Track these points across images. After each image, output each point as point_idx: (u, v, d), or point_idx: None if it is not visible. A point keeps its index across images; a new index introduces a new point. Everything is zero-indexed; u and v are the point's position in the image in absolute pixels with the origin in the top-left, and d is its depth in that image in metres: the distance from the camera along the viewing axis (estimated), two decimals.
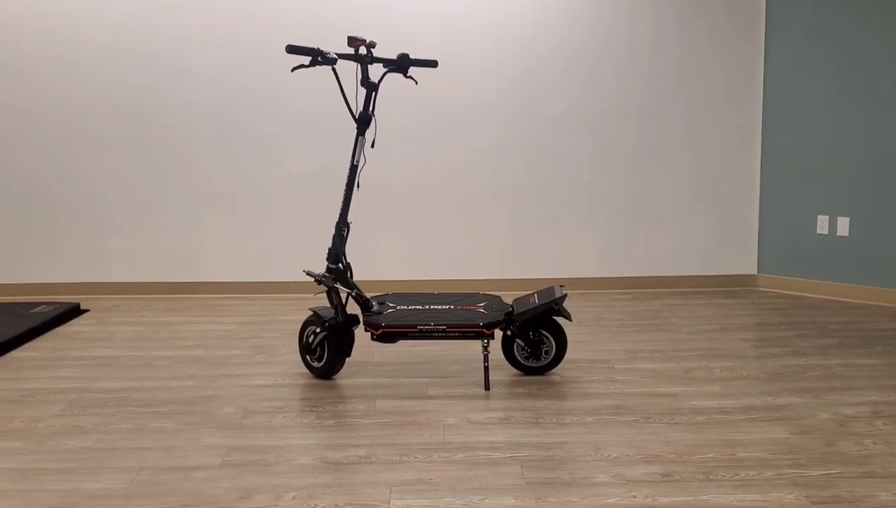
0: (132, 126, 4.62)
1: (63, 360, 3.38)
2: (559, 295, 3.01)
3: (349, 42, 2.99)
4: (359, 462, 2.33)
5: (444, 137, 4.71)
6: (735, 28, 4.69)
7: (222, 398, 2.90)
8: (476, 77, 4.67)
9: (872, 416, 2.67)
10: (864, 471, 2.24)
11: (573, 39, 4.66)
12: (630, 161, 4.77)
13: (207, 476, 2.24)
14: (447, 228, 4.78)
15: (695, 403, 2.82)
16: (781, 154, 4.70)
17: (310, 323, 3.12)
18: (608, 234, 4.83)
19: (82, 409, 2.78)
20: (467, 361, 3.36)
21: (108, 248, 4.71)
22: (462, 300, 3.28)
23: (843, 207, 4.51)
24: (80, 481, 2.20)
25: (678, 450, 2.40)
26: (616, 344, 3.63)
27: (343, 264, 3.07)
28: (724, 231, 4.86)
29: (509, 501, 2.08)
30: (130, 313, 4.28)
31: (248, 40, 4.58)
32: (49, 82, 4.57)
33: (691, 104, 4.74)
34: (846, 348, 3.52)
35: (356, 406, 2.81)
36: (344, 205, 3.05)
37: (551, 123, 4.72)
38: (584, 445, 2.44)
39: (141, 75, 4.58)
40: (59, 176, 4.64)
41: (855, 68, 4.38)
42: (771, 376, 3.13)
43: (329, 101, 4.64)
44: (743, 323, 4.00)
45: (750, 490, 2.13)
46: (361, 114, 3.04)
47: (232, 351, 3.53)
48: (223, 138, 4.65)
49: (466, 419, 2.67)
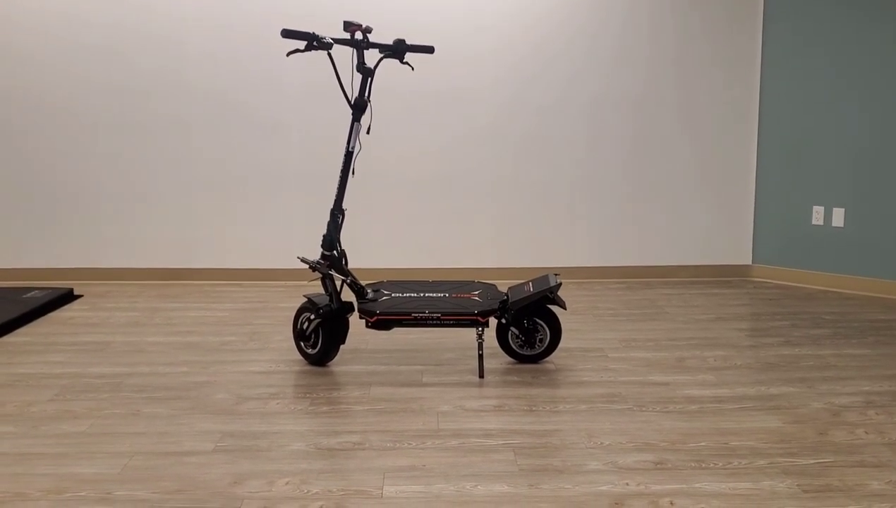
0: (126, 111, 4.59)
1: (56, 345, 3.37)
2: (554, 283, 3.01)
3: (345, 27, 2.97)
4: (352, 448, 2.33)
5: (441, 124, 4.69)
6: (732, 18, 4.67)
7: (216, 384, 2.90)
8: (472, 65, 4.65)
9: (865, 406, 2.69)
10: (856, 460, 2.25)
11: (569, 28, 4.64)
12: (626, 150, 4.77)
13: (201, 461, 2.24)
14: (442, 216, 4.77)
15: (688, 392, 2.83)
16: (777, 144, 4.70)
17: (304, 310, 3.12)
18: (603, 223, 4.83)
19: (75, 394, 2.77)
20: (461, 349, 3.36)
21: (101, 234, 4.69)
22: (457, 288, 3.28)
23: (838, 198, 4.51)
24: (73, 465, 2.20)
25: (671, 438, 2.41)
26: (610, 332, 3.63)
27: (338, 251, 3.06)
28: (719, 221, 4.86)
29: (502, 488, 2.08)
30: (124, 299, 4.27)
31: (244, 25, 4.54)
32: (43, 67, 4.53)
33: (687, 94, 4.73)
34: (840, 338, 3.53)
35: (350, 392, 2.81)
36: (339, 192, 3.04)
37: (547, 112, 4.71)
38: (577, 433, 2.45)
39: (136, 61, 4.55)
40: (53, 161, 4.61)
41: (852, 60, 4.37)
42: (764, 365, 3.13)
43: (325, 87, 4.61)
44: (737, 313, 4.01)
45: (742, 478, 2.14)
46: (357, 100, 3.02)
47: (226, 337, 3.53)
48: (218, 124, 4.63)
49: (460, 406, 2.68)
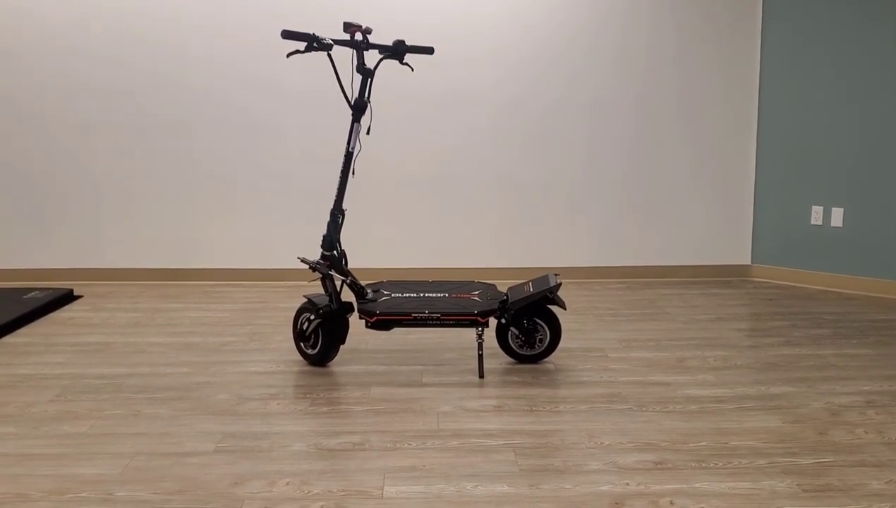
0: (126, 111, 4.59)
1: (56, 346, 3.37)
2: (554, 283, 3.01)
3: (345, 28, 2.97)
4: (353, 448, 2.33)
5: (441, 125, 4.69)
6: (732, 18, 4.68)
7: (216, 384, 2.90)
8: (472, 65, 4.65)
9: (865, 406, 2.69)
10: (856, 460, 2.25)
11: (568, 29, 4.64)
12: (626, 150, 4.77)
13: (201, 462, 2.24)
14: (442, 216, 4.77)
15: (688, 392, 2.83)
16: (777, 144, 4.70)
17: (304, 311, 3.12)
18: (603, 223, 4.83)
19: (76, 395, 2.77)
20: (461, 349, 3.36)
21: (102, 234, 4.69)
22: (457, 288, 3.28)
23: (837, 198, 4.51)
24: (74, 466, 2.20)
25: (671, 438, 2.41)
26: (610, 332, 3.64)
27: (338, 251, 3.06)
28: (718, 221, 4.87)
29: (502, 488, 2.08)
30: (124, 299, 4.27)
31: (244, 26, 4.55)
32: (44, 67, 4.53)
33: (687, 94, 4.73)
34: (839, 338, 3.54)
35: (350, 393, 2.81)
36: (339, 192, 3.04)
37: (547, 112, 4.71)
38: (577, 433, 2.45)
39: (136, 61, 4.55)
40: (54, 161, 4.61)
41: (851, 59, 4.37)
42: (764, 365, 3.14)
43: (324, 88, 4.62)
44: (737, 313, 4.01)
45: (742, 478, 2.14)
46: (357, 100, 3.02)
47: (226, 337, 3.53)
48: (218, 124, 4.63)
49: (460, 406, 2.68)
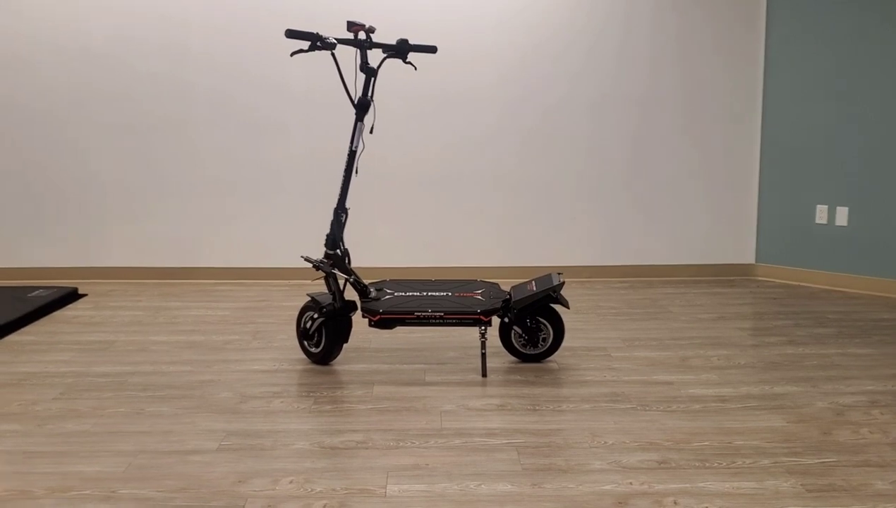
0: (129, 110, 4.60)
1: (60, 344, 3.38)
2: (557, 282, 3.01)
3: (348, 27, 2.97)
4: (356, 447, 2.33)
5: (444, 124, 4.69)
6: (735, 16, 4.66)
7: (220, 383, 2.90)
8: (475, 64, 4.65)
9: (869, 405, 2.68)
10: (860, 460, 2.25)
11: (571, 27, 4.64)
12: (629, 149, 4.76)
13: (205, 460, 2.24)
14: (445, 215, 4.77)
15: (691, 391, 2.82)
16: (780, 143, 4.69)
17: (307, 309, 3.12)
18: (606, 223, 4.82)
19: (79, 393, 2.78)
20: (464, 348, 3.36)
21: (105, 233, 4.69)
22: (460, 287, 3.28)
23: (841, 197, 4.50)
24: (77, 464, 2.20)
25: (674, 438, 2.40)
26: (613, 332, 3.63)
27: (341, 250, 3.06)
28: (722, 220, 4.86)
29: (505, 487, 2.08)
30: (128, 298, 4.28)
31: (248, 25, 4.55)
32: (47, 67, 4.54)
33: (690, 93, 4.72)
34: (844, 338, 3.53)
35: (353, 391, 2.81)
36: (342, 191, 3.05)
37: (550, 111, 4.70)
38: (580, 432, 2.45)
39: (139, 60, 4.56)
40: (57, 160, 4.62)
41: (855, 58, 4.36)
42: (768, 365, 3.13)
43: (328, 87, 4.62)
44: (740, 312, 4.00)
45: (746, 477, 2.13)
46: (360, 99, 3.02)
47: (229, 336, 3.53)
48: (222, 123, 4.63)
49: (463, 405, 2.68)
